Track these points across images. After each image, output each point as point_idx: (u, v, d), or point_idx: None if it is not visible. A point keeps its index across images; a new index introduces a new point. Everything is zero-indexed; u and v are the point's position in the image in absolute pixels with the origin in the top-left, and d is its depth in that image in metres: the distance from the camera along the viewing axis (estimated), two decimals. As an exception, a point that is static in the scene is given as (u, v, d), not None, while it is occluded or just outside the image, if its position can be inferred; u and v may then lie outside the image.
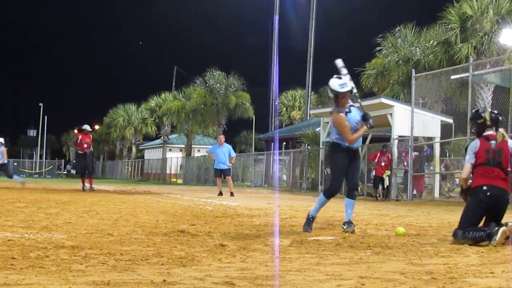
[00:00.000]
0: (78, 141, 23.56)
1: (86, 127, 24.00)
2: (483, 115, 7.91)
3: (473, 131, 8.25)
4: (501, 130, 7.81)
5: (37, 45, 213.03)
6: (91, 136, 24.22)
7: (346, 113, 8.74)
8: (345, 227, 8.69)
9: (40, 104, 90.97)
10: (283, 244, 6.98)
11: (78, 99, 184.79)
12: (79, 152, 23.62)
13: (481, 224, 7.51)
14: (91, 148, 23.70)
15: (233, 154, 22.39)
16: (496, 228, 7.11)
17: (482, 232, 7.18)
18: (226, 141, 22.51)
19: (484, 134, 7.81)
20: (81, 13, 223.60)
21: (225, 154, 21.86)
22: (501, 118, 8.06)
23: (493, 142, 7.71)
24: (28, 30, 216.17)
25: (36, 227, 8.31)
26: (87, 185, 23.47)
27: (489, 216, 7.52)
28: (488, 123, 7.84)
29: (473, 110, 8.53)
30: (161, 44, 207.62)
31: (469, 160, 7.70)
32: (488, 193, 7.46)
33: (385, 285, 4.49)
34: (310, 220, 8.77)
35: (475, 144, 7.78)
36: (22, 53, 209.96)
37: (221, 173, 22.04)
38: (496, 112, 8.01)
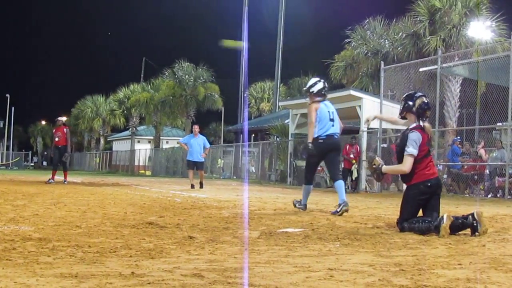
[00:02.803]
0: (54, 135, 23.34)
1: (59, 119, 23.70)
2: (414, 99, 7.86)
3: (400, 109, 8.15)
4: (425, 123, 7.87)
5: (3, 34, 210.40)
6: (65, 129, 23.19)
7: None
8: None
9: (7, 95, 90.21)
10: (252, 236, 6.97)
11: (46, 90, 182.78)
12: (54, 145, 23.31)
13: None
14: (66, 143, 23.15)
15: (208, 145, 22.03)
16: (439, 217, 7.22)
17: (428, 223, 7.29)
18: (195, 132, 22.23)
19: (420, 124, 7.78)
20: (49, 3, 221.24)
21: (199, 145, 21.48)
22: (428, 113, 7.92)
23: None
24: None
25: (2, 219, 8.21)
26: (58, 177, 23.19)
27: (428, 205, 7.64)
28: (414, 109, 7.80)
29: (413, 91, 8.26)
30: (129, 35, 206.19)
31: (413, 152, 7.58)
32: (429, 184, 7.59)
33: (354, 277, 4.50)
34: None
35: (418, 136, 7.65)
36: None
37: (194, 166, 21.63)
38: (428, 104, 7.90)
